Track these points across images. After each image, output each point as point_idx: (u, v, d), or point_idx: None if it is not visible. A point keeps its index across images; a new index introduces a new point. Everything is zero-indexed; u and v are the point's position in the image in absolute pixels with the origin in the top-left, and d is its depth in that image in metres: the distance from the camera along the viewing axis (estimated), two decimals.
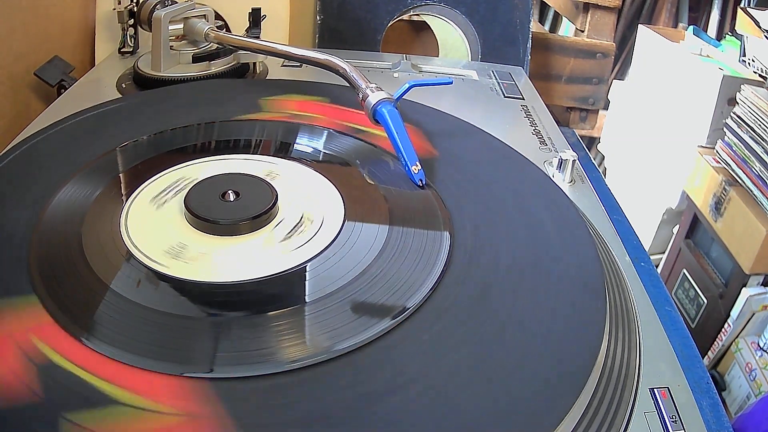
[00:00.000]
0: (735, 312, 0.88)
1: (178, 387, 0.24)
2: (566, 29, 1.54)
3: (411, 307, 0.29)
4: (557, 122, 0.55)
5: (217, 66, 0.54)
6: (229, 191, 0.35)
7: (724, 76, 0.96)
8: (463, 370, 0.26)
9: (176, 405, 0.23)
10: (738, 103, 0.90)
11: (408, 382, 0.25)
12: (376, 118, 0.41)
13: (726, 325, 0.90)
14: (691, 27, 1.15)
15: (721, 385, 0.89)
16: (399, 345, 0.27)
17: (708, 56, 1.05)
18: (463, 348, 0.27)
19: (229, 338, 0.27)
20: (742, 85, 0.90)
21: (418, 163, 0.38)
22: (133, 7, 0.57)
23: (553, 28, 1.63)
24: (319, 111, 0.47)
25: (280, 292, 0.30)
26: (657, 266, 1.07)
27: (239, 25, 0.62)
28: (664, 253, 1.11)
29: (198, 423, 0.23)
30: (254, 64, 0.58)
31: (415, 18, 0.76)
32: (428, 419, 0.24)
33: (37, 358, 0.25)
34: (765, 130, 0.84)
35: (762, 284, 0.87)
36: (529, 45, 0.72)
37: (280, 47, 0.51)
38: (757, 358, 0.84)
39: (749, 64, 0.89)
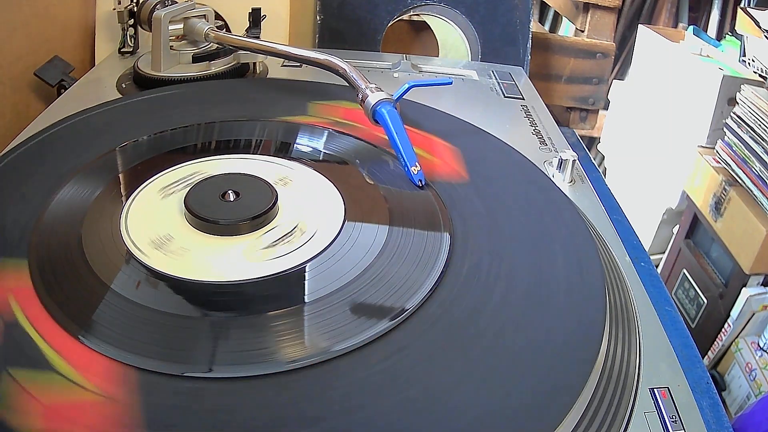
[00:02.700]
0: (735, 312, 0.88)
1: (107, 369, 0.25)
2: (566, 29, 1.54)
3: (410, 308, 0.29)
4: (557, 122, 0.55)
5: (217, 66, 0.54)
6: (229, 191, 0.35)
7: (724, 76, 0.96)
8: (463, 370, 0.26)
9: (100, 386, 0.24)
10: (738, 103, 0.90)
11: (408, 382, 0.25)
12: (375, 118, 0.41)
13: (726, 325, 0.90)
14: (691, 27, 1.15)
15: (721, 385, 0.89)
16: (398, 345, 0.27)
17: (708, 56, 1.04)
18: (463, 348, 0.27)
19: (227, 338, 0.27)
20: (742, 85, 0.90)
21: (417, 164, 0.38)
22: (133, 7, 0.57)
23: (553, 28, 1.63)
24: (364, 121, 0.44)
25: (280, 292, 0.30)
26: (657, 266, 1.07)
27: (239, 25, 0.61)
28: (664, 253, 1.11)
29: (112, 407, 0.23)
30: (254, 64, 0.58)
31: (415, 18, 0.76)
32: (428, 419, 0.24)
33: (6, 315, 0.27)
34: (765, 130, 0.84)
35: (762, 284, 0.87)
36: (529, 45, 0.72)
37: (280, 47, 0.51)
38: (757, 358, 0.84)
39: (749, 64, 0.89)
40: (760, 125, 0.84)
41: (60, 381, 0.24)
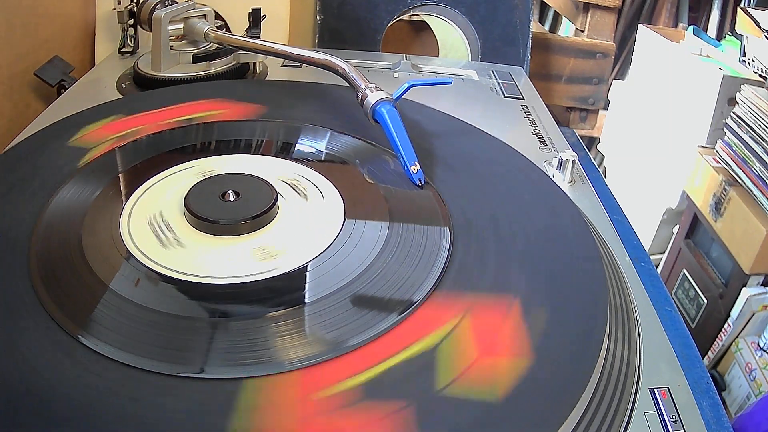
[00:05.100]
0: (735, 312, 0.88)
1: None
2: (566, 29, 1.54)
3: (413, 304, 0.29)
4: (557, 122, 0.55)
5: (217, 66, 0.54)
6: (229, 191, 0.35)
7: (724, 76, 0.96)
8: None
9: None
10: (738, 103, 0.90)
11: (407, 382, 0.25)
12: (375, 117, 0.41)
13: (726, 325, 0.90)
14: (691, 27, 1.15)
15: (721, 385, 0.89)
16: (397, 345, 0.27)
17: (708, 56, 1.04)
18: None
19: (228, 338, 0.27)
20: (742, 85, 0.90)
21: (417, 163, 0.38)
22: (133, 7, 0.57)
23: (553, 28, 1.63)
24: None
25: (280, 292, 0.30)
26: (657, 266, 1.07)
27: (239, 25, 0.61)
28: (664, 253, 1.11)
29: None
30: (254, 64, 0.58)
31: (415, 18, 0.76)
32: (428, 420, 0.24)
33: None
34: (765, 130, 0.84)
35: (762, 284, 0.87)
36: (529, 45, 0.72)
37: (280, 47, 0.51)
38: (757, 358, 0.85)
39: (749, 64, 0.89)
40: (760, 125, 0.84)
41: None
